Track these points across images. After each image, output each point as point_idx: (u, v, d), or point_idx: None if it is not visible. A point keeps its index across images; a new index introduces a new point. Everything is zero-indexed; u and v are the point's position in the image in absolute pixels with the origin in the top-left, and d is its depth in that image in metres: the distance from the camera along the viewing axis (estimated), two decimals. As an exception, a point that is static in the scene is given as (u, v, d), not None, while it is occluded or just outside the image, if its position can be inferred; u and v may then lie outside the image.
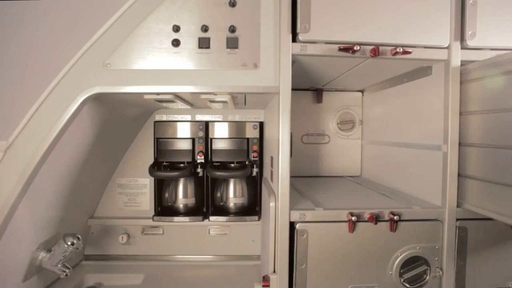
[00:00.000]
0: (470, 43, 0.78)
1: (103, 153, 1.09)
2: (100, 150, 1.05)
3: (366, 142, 1.28)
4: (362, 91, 1.30)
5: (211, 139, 1.25)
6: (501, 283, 0.80)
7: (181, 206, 1.25)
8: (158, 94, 0.79)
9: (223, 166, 1.26)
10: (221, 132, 1.26)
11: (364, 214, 0.77)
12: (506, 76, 0.68)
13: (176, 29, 0.74)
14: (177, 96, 0.86)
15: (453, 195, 0.79)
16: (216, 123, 1.25)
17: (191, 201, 1.26)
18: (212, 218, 1.21)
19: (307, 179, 1.24)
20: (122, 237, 1.24)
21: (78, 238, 0.94)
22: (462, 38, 0.78)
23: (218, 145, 1.26)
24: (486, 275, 0.81)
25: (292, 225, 0.78)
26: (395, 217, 0.76)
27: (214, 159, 1.25)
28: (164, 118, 1.27)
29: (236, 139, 1.25)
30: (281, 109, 0.74)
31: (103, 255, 1.25)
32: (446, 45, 0.78)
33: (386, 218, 0.77)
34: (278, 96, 0.75)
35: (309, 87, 1.24)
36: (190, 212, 1.25)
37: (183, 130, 1.25)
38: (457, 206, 0.80)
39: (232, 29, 0.74)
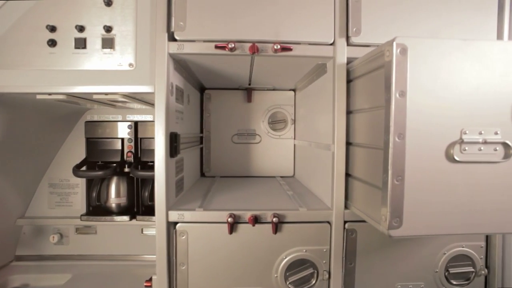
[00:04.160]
0: (355, 40, 0.76)
1: (22, 153, 1.09)
2: (17, 150, 1.06)
3: (298, 142, 1.26)
4: (294, 90, 1.28)
5: (140, 138, 1.25)
6: (391, 284, 0.78)
7: (113, 205, 1.25)
8: (50, 94, 0.79)
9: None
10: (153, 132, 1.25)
11: (246, 215, 0.75)
12: (377, 72, 0.65)
13: (52, 29, 0.73)
14: (73, 96, 0.85)
15: (340, 197, 0.77)
16: (148, 123, 1.25)
17: (123, 200, 1.25)
18: (140, 217, 1.21)
19: (236, 179, 1.23)
20: (53, 237, 1.24)
21: None
22: (347, 35, 0.76)
23: (150, 145, 1.25)
24: (376, 278, 0.78)
25: (175, 226, 0.77)
26: (274, 219, 0.74)
27: (147, 159, 1.25)
28: (96, 118, 1.27)
29: (168, 139, 1.25)
30: (156, 109, 0.73)
31: (36, 255, 1.26)
32: (331, 42, 0.76)
33: (269, 220, 0.76)
34: (154, 96, 0.74)
35: (237, 86, 1.22)
36: (122, 211, 1.25)
37: (113, 130, 1.25)
38: (346, 208, 0.77)
39: (108, 29, 0.74)
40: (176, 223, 0.77)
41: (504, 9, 0.77)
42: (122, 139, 1.24)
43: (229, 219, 0.73)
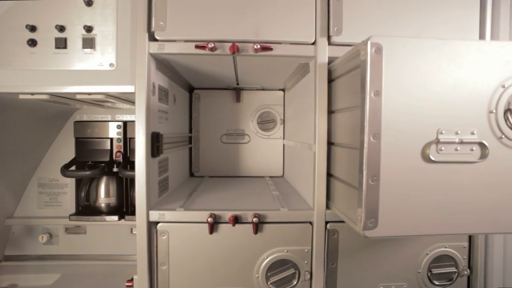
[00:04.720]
0: (336, 39, 0.75)
1: (11, 153, 1.09)
2: (6, 150, 1.06)
3: (287, 142, 1.25)
4: (284, 90, 1.28)
5: (129, 138, 1.25)
6: (373, 285, 0.78)
7: (102, 205, 1.25)
8: (32, 94, 0.79)
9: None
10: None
11: (226, 215, 0.75)
12: (354, 71, 0.65)
13: (32, 28, 0.73)
14: (56, 96, 0.85)
15: (322, 197, 0.76)
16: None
17: (112, 200, 1.25)
18: (128, 217, 1.21)
19: (225, 179, 1.23)
20: (42, 237, 1.24)
21: None
22: (328, 35, 0.76)
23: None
24: (359, 278, 0.78)
25: (156, 226, 0.77)
26: (255, 219, 0.74)
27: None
28: (85, 118, 1.27)
29: (158, 139, 1.25)
30: (136, 109, 0.73)
31: (25, 255, 1.26)
32: (312, 41, 0.76)
33: (250, 220, 0.75)
34: (134, 96, 0.73)
35: (225, 86, 1.22)
36: (111, 211, 1.25)
37: (102, 130, 1.25)
38: (328, 208, 0.77)
39: (88, 29, 0.74)
40: (157, 222, 0.76)
41: (486, 10, 0.77)
42: (111, 139, 1.24)
43: (209, 219, 0.73)
